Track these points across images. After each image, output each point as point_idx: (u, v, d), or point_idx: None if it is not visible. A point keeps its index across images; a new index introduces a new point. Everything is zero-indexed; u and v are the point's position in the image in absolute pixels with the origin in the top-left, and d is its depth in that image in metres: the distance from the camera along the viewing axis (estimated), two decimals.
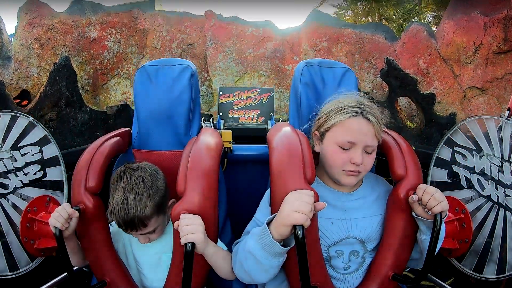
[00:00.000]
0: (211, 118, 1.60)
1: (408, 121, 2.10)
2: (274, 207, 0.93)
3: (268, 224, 0.85)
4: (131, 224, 0.95)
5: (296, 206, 0.79)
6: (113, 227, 1.11)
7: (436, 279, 1.20)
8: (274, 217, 0.85)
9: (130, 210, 0.93)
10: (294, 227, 0.78)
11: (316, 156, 1.03)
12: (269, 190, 0.99)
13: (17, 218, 1.23)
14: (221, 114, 1.61)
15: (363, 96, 1.06)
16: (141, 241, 1.02)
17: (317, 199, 0.87)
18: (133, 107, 2.17)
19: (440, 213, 0.87)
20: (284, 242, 0.85)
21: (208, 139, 1.13)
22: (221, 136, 1.38)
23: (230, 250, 1.03)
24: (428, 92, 1.93)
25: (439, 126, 1.92)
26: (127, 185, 0.96)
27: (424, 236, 0.95)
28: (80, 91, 1.97)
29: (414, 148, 1.71)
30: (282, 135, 1.04)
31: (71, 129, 1.86)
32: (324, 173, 1.06)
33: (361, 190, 1.05)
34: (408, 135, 2.00)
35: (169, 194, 1.07)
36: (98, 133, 1.96)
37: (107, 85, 2.93)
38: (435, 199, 0.87)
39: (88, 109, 1.95)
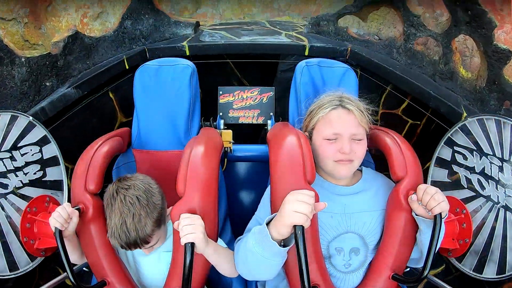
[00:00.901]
0: (211, 118, 1.60)
1: (462, 68, 1.57)
2: (274, 207, 0.93)
3: (268, 223, 0.85)
4: (134, 245, 0.94)
5: (296, 206, 0.79)
6: None
7: (436, 279, 1.20)
8: (273, 217, 0.85)
9: (130, 232, 0.91)
10: (294, 227, 0.78)
11: None
12: (269, 188, 0.99)
13: (17, 218, 1.23)
14: (221, 114, 1.61)
15: (345, 91, 1.10)
16: (146, 252, 1.02)
17: (317, 199, 0.87)
18: (88, 33, 1.68)
19: (440, 213, 0.87)
20: (284, 242, 0.85)
21: (208, 139, 1.13)
22: (221, 136, 1.38)
23: (230, 249, 1.02)
24: (505, 47, 1.38)
25: (503, 94, 1.38)
26: (123, 207, 0.93)
27: (424, 236, 0.95)
28: (5, 41, 1.43)
29: (464, 114, 1.36)
30: (282, 135, 1.04)
31: (10, 93, 1.41)
32: (320, 170, 1.07)
33: (360, 184, 1.06)
34: (457, 85, 1.52)
35: (166, 196, 1.06)
36: (47, 84, 1.49)
37: (54, 5, 1.93)
38: (434, 200, 0.87)
39: (23, 60, 1.43)
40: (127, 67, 1.59)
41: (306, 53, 1.60)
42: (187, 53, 1.59)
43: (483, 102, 1.47)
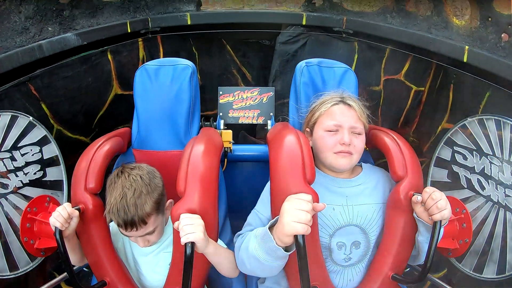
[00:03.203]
0: (211, 118, 1.60)
1: (454, 17, 1.53)
2: (275, 208, 0.93)
3: (270, 227, 0.85)
4: (131, 222, 0.92)
5: (295, 216, 0.78)
6: (112, 225, 1.11)
7: (436, 279, 1.20)
8: (275, 221, 0.85)
9: (129, 207, 0.91)
10: (295, 235, 0.78)
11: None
12: (269, 183, 1.00)
13: (17, 218, 1.23)
14: (221, 114, 1.61)
15: (346, 90, 1.15)
16: (140, 244, 1.00)
17: (316, 200, 0.86)
18: None
19: (440, 220, 0.87)
20: (285, 246, 0.85)
21: (208, 139, 1.13)
22: (221, 136, 1.38)
23: (230, 249, 1.02)
24: None
25: (498, 26, 1.34)
26: (125, 182, 0.94)
27: (422, 238, 0.95)
28: None
29: (466, 50, 1.34)
30: (282, 135, 1.04)
31: (13, 26, 1.39)
32: (321, 164, 1.08)
33: (361, 177, 1.08)
34: (454, 34, 1.51)
35: (167, 195, 1.06)
36: (49, 28, 1.48)
37: None
38: (437, 208, 0.87)
39: None
40: (129, 30, 1.65)
41: (304, 22, 1.74)
42: (188, 22, 1.69)
43: (482, 39, 1.41)
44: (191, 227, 0.86)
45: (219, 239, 1.03)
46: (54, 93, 1.41)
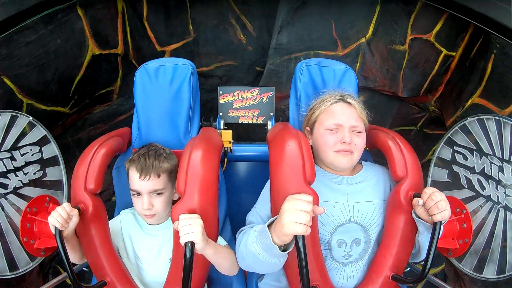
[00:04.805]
0: (211, 118, 1.60)
1: None
2: (275, 208, 0.92)
3: (269, 225, 0.85)
4: (147, 169, 1.03)
5: (295, 216, 0.77)
6: (113, 222, 1.11)
7: (436, 279, 1.20)
8: (274, 218, 0.85)
9: (149, 157, 1.06)
10: (295, 236, 0.78)
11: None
12: (269, 181, 1.00)
13: (17, 218, 1.23)
14: (221, 114, 1.61)
15: (345, 89, 1.15)
16: (145, 205, 1.03)
17: (316, 202, 0.86)
18: None
19: (440, 221, 0.87)
20: (284, 245, 0.84)
21: (208, 138, 1.13)
22: (221, 135, 1.38)
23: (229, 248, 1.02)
24: None
25: None
26: (150, 147, 1.12)
27: (422, 238, 0.96)
28: None
29: None
30: (282, 135, 1.04)
31: None
32: (321, 163, 1.09)
33: (362, 174, 1.08)
34: None
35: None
36: None
37: None
38: (437, 208, 0.87)
39: None
40: None
41: None
42: None
43: None
44: (190, 227, 0.86)
45: (219, 237, 1.03)
46: (17, 63, 1.23)
